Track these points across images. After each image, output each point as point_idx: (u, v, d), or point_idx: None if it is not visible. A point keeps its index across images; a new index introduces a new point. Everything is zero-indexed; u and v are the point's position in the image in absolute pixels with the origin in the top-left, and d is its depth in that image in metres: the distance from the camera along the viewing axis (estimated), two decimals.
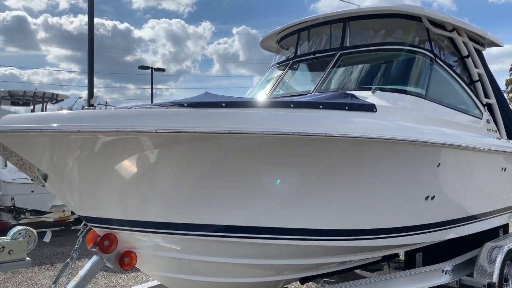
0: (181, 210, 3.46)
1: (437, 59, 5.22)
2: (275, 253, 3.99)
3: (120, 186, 3.31)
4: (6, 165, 10.95)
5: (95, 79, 13.69)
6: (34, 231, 3.36)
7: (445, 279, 5.02)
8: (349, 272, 5.25)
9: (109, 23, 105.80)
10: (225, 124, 2.97)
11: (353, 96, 4.13)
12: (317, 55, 5.38)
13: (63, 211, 10.83)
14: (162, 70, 37.62)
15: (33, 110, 12.77)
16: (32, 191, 9.73)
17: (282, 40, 6.19)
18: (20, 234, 3.22)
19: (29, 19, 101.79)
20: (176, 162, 3.25)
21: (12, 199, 9.47)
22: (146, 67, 35.81)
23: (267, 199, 3.68)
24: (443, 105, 5.11)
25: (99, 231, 3.49)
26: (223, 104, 3.28)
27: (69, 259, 3.41)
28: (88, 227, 3.56)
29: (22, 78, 77.12)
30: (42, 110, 12.41)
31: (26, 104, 12.33)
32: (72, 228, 10.08)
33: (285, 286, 5.02)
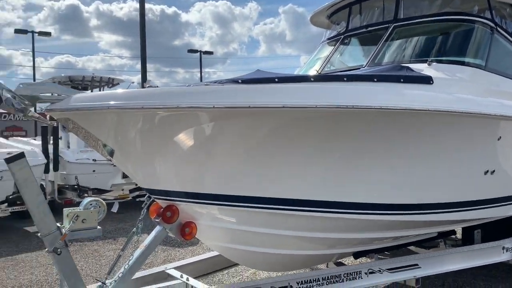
0: (237, 183, 3.58)
1: (498, 28, 4.98)
2: (329, 227, 4.04)
3: (180, 160, 3.47)
4: (69, 147, 11.64)
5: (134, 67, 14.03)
6: (104, 202, 3.60)
7: (505, 257, 4.88)
8: (403, 248, 5.22)
9: (157, 8, 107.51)
10: (279, 99, 3.03)
11: (408, 68, 4.05)
12: (369, 28, 5.28)
13: (122, 189, 11.40)
14: (210, 53, 38.14)
15: None
16: (94, 171, 10.28)
17: (333, 15, 6.11)
18: (91, 204, 3.46)
19: (82, 7, 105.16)
20: (231, 137, 3.36)
21: (76, 178, 10.06)
22: (195, 51, 36.44)
23: (321, 172, 3.73)
24: (504, 76, 4.90)
25: (162, 203, 3.69)
26: (276, 80, 3.33)
27: (135, 228, 3.63)
28: (151, 199, 3.77)
29: (78, 65, 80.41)
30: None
31: (84, 88, 12.92)
32: (137, 200, 10.52)
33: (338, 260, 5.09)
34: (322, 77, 3.68)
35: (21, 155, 3.10)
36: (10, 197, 8.85)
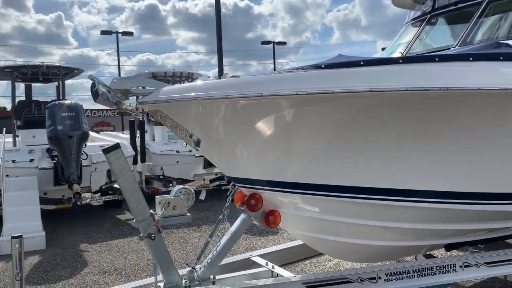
0: (319, 171, 3.52)
1: None
2: (418, 217, 3.85)
3: (262, 148, 3.48)
4: (154, 139, 12.25)
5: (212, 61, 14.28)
6: (192, 190, 3.73)
7: None
8: (500, 241, 4.85)
9: (230, 2, 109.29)
10: (366, 83, 2.91)
11: (507, 45, 3.71)
12: (459, 5, 4.92)
13: (203, 179, 11.80)
14: (283, 43, 38.11)
15: None
16: (177, 162, 10.72)
17: None
18: (181, 192, 3.60)
19: (160, 6, 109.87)
20: (313, 124, 3.30)
21: (161, 169, 10.57)
22: (268, 42, 36.63)
23: (409, 159, 3.55)
24: None
25: (246, 191, 3.74)
26: (362, 63, 3.20)
27: (221, 216, 3.72)
28: (236, 188, 3.84)
29: (157, 62, 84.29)
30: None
31: (167, 83, 13.50)
32: (223, 188, 10.82)
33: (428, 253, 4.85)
34: (411, 59, 3.48)
35: (116, 146, 3.29)
36: (103, 187, 9.50)
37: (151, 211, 3.46)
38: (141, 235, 3.41)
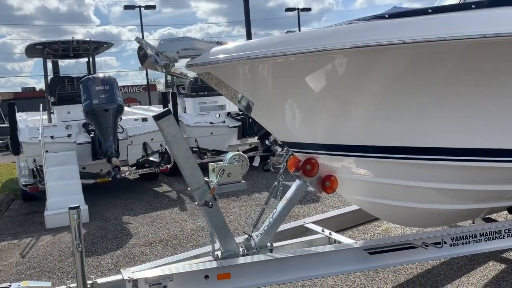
0: (375, 133, 3.31)
1: None
2: (478, 178, 3.62)
3: (316, 111, 3.29)
4: (185, 111, 12.16)
5: (240, 29, 13.96)
6: (246, 156, 3.59)
7: None
8: None
9: None
10: (441, 31, 2.65)
11: None
12: None
13: (238, 150, 11.69)
14: (308, 9, 37.44)
15: None
16: (211, 133, 10.61)
17: None
18: (234, 159, 3.46)
19: None
20: (372, 81, 3.06)
21: (196, 140, 10.49)
22: (292, 9, 35.81)
23: (471, 116, 3.30)
24: None
25: (300, 156, 3.57)
26: (430, 11, 2.93)
27: (276, 182, 3.57)
28: (290, 153, 3.67)
29: (179, 36, 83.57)
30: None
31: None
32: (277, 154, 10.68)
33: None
34: (489, 2, 3.17)
35: (168, 112, 3.14)
36: (140, 160, 9.50)
37: (206, 178, 3.33)
38: (197, 203, 3.30)
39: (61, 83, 10.24)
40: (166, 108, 3.32)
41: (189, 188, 3.34)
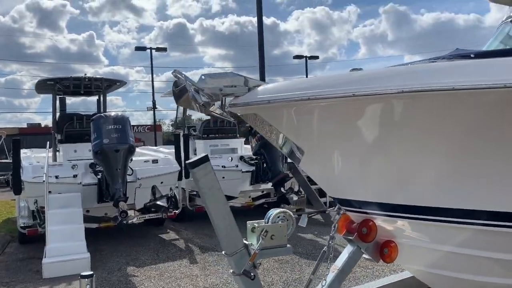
0: (454, 192, 2.77)
1: None
2: None
3: (382, 164, 2.77)
4: (195, 154, 11.67)
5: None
6: (292, 214, 3.04)
7: None
8: None
9: (255, 20, 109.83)
10: None
11: None
12: None
13: (249, 196, 11.10)
14: (316, 57, 37.72)
15: None
16: (223, 177, 10.04)
17: None
18: (279, 217, 2.92)
19: (188, 24, 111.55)
20: (451, 129, 2.57)
21: None
22: (301, 56, 36.10)
23: None
24: None
25: (355, 217, 3.02)
26: None
27: (325, 248, 3.00)
28: (341, 212, 3.12)
29: None
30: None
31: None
32: (327, 212, 9.89)
33: None
34: None
35: (205, 159, 2.64)
36: (148, 204, 8.91)
37: (244, 240, 2.77)
38: (232, 271, 2.72)
39: (70, 120, 9.83)
40: (203, 155, 2.82)
41: (223, 252, 2.77)
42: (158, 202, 9.42)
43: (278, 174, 9.65)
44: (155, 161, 9.14)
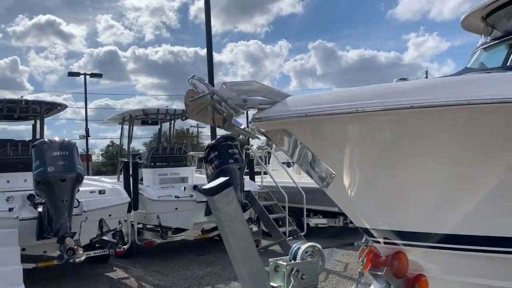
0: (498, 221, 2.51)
1: None
2: None
3: (420, 187, 2.46)
4: (141, 183, 10.89)
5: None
6: (321, 249, 2.61)
7: None
8: None
9: (190, 50, 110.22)
10: None
11: None
12: None
13: (203, 228, 10.49)
14: None
15: (160, 129, 12.79)
16: (176, 209, 9.41)
17: (491, 15, 5.10)
18: (307, 252, 2.48)
19: (120, 52, 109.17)
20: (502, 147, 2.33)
21: (158, 217, 9.20)
22: None
23: None
24: None
25: (384, 249, 2.66)
26: None
27: (355, 285, 2.60)
28: (368, 244, 2.75)
29: (116, 107, 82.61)
30: (170, 128, 12.36)
31: (155, 123, 12.33)
32: (355, 244, 9.27)
33: None
34: None
35: (228, 183, 2.16)
36: (94, 240, 8.02)
37: (272, 284, 2.30)
38: None
39: (3, 147, 8.75)
40: (225, 178, 2.31)
41: None
42: (104, 237, 8.54)
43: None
44: (102, 192, 8.32)
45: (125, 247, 8.49)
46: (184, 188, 9.78)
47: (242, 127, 2.41)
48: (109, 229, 8.14)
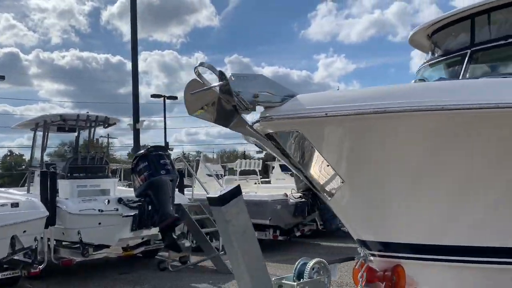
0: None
1: None
2: None
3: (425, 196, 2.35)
4: (58, 195, 9.89)
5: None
6: (327, 264, 2.36)
7: None
8: None
9: (101, 57, 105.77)
10: None
11: None
12: (510, 40, 4.53)
13: (127, 244, 9.74)
14: (175, 98, 37.20)
15: (78, 137, 11.84)
16: (99, 224, 8.62)
17: (436, 33, 5.36)
18: (313, 269, 2.22)
19: (21, 55, 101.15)
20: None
21: (79, 233, 8.34)
22: (159, 96, 35.47)
23: None
24: None
25: (382, 263, 2.50)
26: None
27: None
28: (363, 258, 2.56)
29: (15, 114, 76.13)
30: (89, 136, 11.47)
31: (72, 130, 11.37)
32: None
33: None
34: None
35: (238, 190, 1.85)
36: (4, 259, 7.03)
37: None
38: None
39: None
40: (234, 186, 1.97)
41: None
42: (15, 257, 7.54)
43: (167, 218, 8.60)
44: (15, 205, 7.36)
45: (40, 267, 7.57)
46: (108, 201, 9.00)
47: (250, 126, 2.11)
48: (23, 247, 7.22)
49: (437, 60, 5.21)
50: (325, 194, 2.39)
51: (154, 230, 9.25)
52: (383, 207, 2.39)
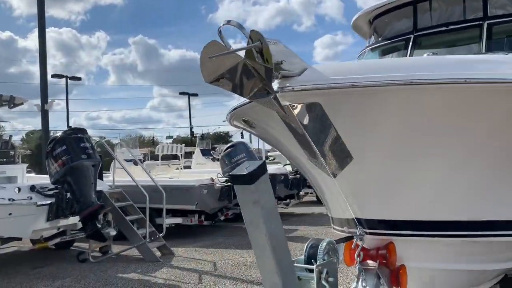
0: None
1: None
2: None
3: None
4: None
5: None
6: (335, 244, 2.24)
7: None
8: None
9: None
10: None
11: None
12: (451, 27, 4.79)
13: (41, 236, 8.88)
14: (79, 78, 34.80)
15: None
16: (10, 214, 7.71)
17: (377, 18, 5.50)
18: (325, 250, 2.09)
19: None
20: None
21: None
22: (61, 76, 32.88)
23: None
24: None
25: (372, 241, 2.47)
26: None
27: (355, 283, 2.33)
28: (358, 237, 2.50)
29: None
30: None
31: None
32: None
33: None
34: None
35: (265, 167, 1.64)
36: None
37: None
38: None
39: None
40: (260, 161, 1.71)
41: None
42: None
43: (89, 206, 7.94)
44: None
45: None
46: (19, 190, 8.08)
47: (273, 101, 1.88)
48: None
49: (380, 44, 5.36)
50: (329, 171, 2.28)
51: (72, 220, 8.54)
52: (393, 183, 2.37)
